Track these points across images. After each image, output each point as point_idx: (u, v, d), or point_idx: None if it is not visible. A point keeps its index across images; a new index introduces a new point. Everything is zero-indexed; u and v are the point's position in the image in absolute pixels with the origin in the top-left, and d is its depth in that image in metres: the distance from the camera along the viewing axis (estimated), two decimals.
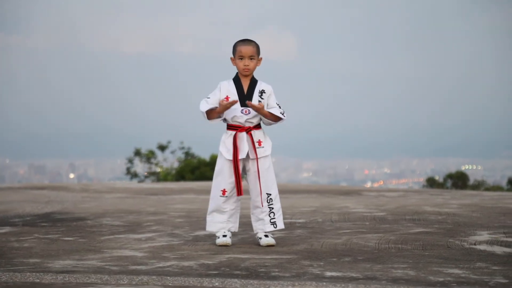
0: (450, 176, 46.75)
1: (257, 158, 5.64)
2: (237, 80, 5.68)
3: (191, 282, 4.16)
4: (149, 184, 18.21)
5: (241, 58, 5.62)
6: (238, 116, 5.62)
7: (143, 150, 36.41)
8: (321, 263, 4.78)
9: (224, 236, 5.71)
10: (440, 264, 4.69)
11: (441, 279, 4.18)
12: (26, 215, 8.28)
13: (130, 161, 36.54)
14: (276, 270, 4.54)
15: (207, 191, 13.24)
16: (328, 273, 4.41)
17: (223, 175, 5.67)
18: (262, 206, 5.68)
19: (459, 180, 45.25)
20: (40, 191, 13.13)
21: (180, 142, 36.39)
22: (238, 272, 4.49)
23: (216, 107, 5.57)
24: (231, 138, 5.63)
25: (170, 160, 36.28)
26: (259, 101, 5.62)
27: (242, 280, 4.19)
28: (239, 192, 5.65)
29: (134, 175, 36.39)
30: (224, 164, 5.67)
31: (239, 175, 5.61)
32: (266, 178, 5.68)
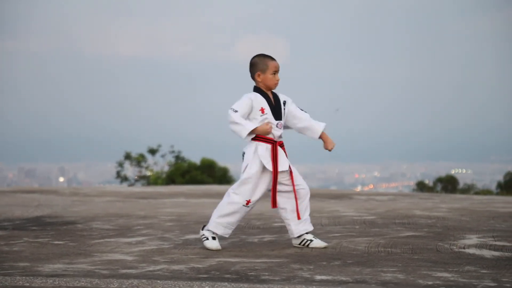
0: (440, 180, 46.88)
1: (291, 171, 5.73)
2: (263, 93, 5.74)
3: (181, 285, 4.17)
4: (139, 188, 18.18)
5: (275, 73, 5.73)
6: (276, 130, 5.72)
7: (134, 154, 36.35)
8: (311, 267, 4.80)
9: (214, 238, 5.73)
10: (430, 268, 4.71)
11: (430, 283, 4.20)
12: (16, 219, 8.26)
13: (120, 164, 36.47)
14: (266, 273, 4.55)
15: (198, 195, 13.24)
16: (318, 277, 4.43)
17: (251, 186, 5.67)
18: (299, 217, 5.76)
19: (449, 184, 45.38)
20: (30, 194, 13.09)
21: (171, 146, 36.37)
22: (228, 275, 4.49)
23: (256, 128, 5.63)
24: (269, 150, 5.68)
25: (160, 164, 36.23)
26: (283, 110, 5.78)
27: (232, 284, 4.20)
28: (274, 204, 5.73)
29: (124, 179, 36.31)
30: (255, 176, 5.67)
31: (275, 187, 5.69)
32: (302, 181, 5.84)
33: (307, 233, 5.78)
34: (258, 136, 5.68)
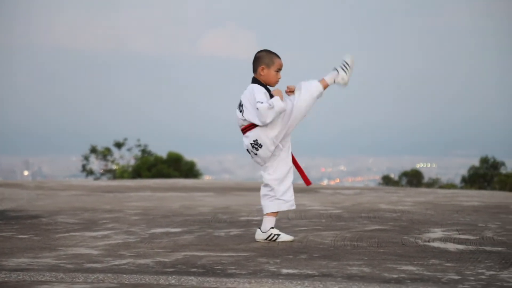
0: (405, 174, 47.25)
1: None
2: (265, 87, 5.71)
3: (147, 279, 4.15)
4: (105, 182, 18.06)
5: (278, 70, 5.73)
6: None
7: (99, 147, 36.10)
8: (278, 260, 4.80)
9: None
10: (395, 261, 4.75)
11: (395, 276, 4.23)
12: None
13: (86, 158, 36.22)
14: (233, 267, 4.55)
15: (164, 189, 13.19)
16: (285, 270, 4.44)
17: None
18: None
19: (414, 178, 45.77)
20: None
21: (137, 140, 36.18)
22: (194, 269, 4.48)
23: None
24: None
25: (126, 158, 36.03)
26: None
27: (199, 278, 4.19)
28: (308, 181, 5.94)
29: (90, 173, 36.06)
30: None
31: (300, 166, 5.90)
32: None
33: (272, 227, 5.78)
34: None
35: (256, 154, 5.65)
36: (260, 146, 5.61)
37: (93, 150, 36.07)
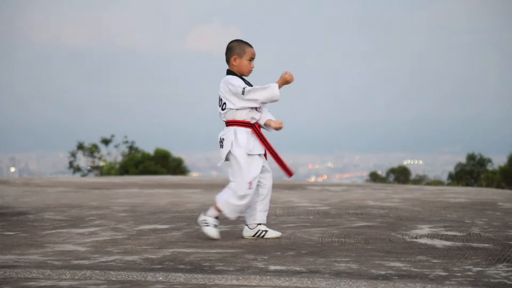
0: (392, 170, 47.31)
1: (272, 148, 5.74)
2: (240, 78, 5.70)
3: (134, 276, 4.14)
4: (92, 178, 18.01)
5: (251, 59, 5.71)
6: (255, 113, 5.67)
7: (86, 144, 35.96)
8: (265, 257, 4.80)
9: (215, 227, 5.71)
10: (382, 258, 4.76)
11: (383, 272, 4.24)
12: None
13: (73, 154, 36.05)
14: (221, 264, 4.55)
15: (151, 185, 13.17)
16: (272, 267, 4.44)
17: (248, 169, 5.62)
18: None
19: (401, 175, 45.84)
20: None
21: (124, 136, 36.04)
22: (182, 266, 4.48)
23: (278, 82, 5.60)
24: (249, 134, 5.65)
25: (113, 154, 35.88)
26: None
27: (186, 274, 4.18)
28: (290, 173, 5.83)
29: (77, 169, 35.90)
30: (243, 158, 5.62)
31: (280, 159, 5.73)
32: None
33: (260, 224, 5.77)
34: (239, 121, 5.65)
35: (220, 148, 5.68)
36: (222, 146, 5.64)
37: (80, 146, 35.92)
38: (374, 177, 48.06)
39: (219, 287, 3.90)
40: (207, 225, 5.65)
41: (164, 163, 33.43)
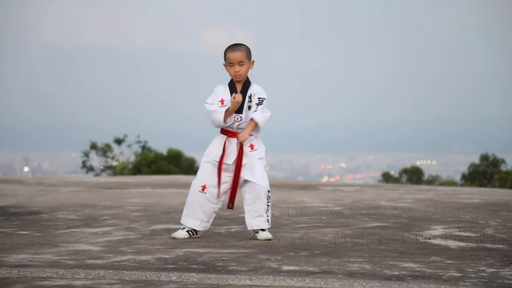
0: (405, 171, 47.18)
1: (241, 163, 5.62)
2: (231, 85, 5.69)
3: (148, 276, 4.15)
4: (105, 178, 18.05)
5: (231, 64, 5.64)
6: (231, 122, 5.66)
7: (99, 144, 36.06)
8: (278, 257, 4.80)
9: (183, 229, 5.76)
10: (396, 258, 4.75)
11: (396, 273, 4.23)
12: None
13: (86, 154, 36.15)
14: (234, 264, 4.55)
15: (164, 185, 13.18)
16: (285, 267, 4.43)
17: (205, 174, 5.69)
18: (262, 203, 5.66)
19: (414, 175, 45.70)
20: None
21: (137, 136, 36.11)
22: (195, 266, 4.48)
23: (228, 107, 5.59)
24: (222, 142, 5.66)
25: (126, 154, 35.96)
26: (249, 106, 5.63)
27: (200, 274, 4.19)
28: (230, 199, 5.72)
29: (90, 169, 36.00)
30: (208, 166, 5.69)
31: (220, 178, 5.65)
32: (261, 177, 5.65)
33: (262, 230, 5.69)
34: (222, 129, 5.71)
35: None
36: None
37: (93, 146, 36.02)
38: (387, 177, 47.93)
39: (232, 287, 3.90)
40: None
41: (177, 163, 33.47)
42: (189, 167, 33.90)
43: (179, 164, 33.58)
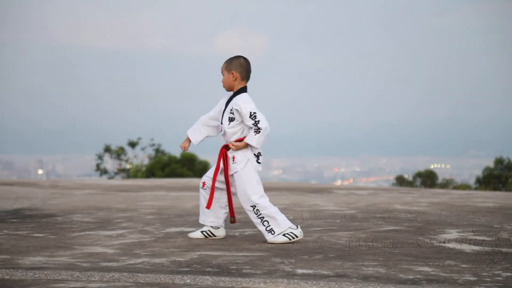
0: (419, 174, 47.00)
1: (227, 175, 5.73)
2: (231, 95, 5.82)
3: (162, 279, 4.16)
4: (119, 181, 18.11)
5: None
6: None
7: (113, 147, 36.16)
8: (292, 261, 4.80)
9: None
10: (410, 262, 4.73)
11: (411, 277, 4.22)
12: None
13: (100, 157, 36.26)
14: (248, 267, 4.55)
15: (178, 188, 13.21)
16: (300, 271, 4.43)
17: (208, 172, 5.91)
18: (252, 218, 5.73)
19: (428, 179, 45.52)
20: (9, 187, 13.00)
21: (151, 139, 36.19)
22: (209, 269, 4.49)
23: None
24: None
25: (140, 157, 36.05)
26: (230, 117, 5.71)
27: (214, 277, 4.19)
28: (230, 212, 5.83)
29: (104, 172, 36.11)
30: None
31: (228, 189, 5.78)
32: (243, 193, 5.69)
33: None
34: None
35: None
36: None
37: (107, 149, 36.13)
38: (401, 181, 47.74)
39: None
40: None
41: (191, 166, 33.51)
42: (203, 170, 33.92)
43: (193, 167, 33.61)
